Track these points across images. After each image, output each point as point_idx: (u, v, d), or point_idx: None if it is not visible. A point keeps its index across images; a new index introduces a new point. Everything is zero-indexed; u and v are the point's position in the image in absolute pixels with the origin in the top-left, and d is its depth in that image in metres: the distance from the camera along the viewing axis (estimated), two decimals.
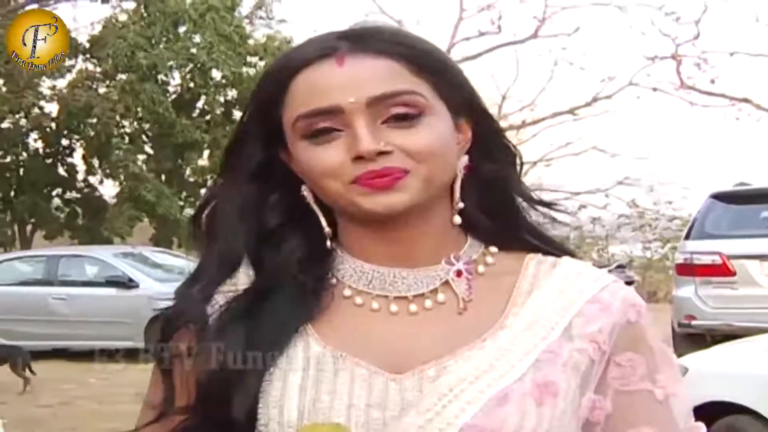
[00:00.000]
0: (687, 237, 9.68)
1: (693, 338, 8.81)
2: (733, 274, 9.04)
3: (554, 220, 1.21)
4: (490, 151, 1.17)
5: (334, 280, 1.15)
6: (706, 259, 9.15)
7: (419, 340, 1.10)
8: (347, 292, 1.14)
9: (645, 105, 35.05)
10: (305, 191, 1.15)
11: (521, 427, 1.05)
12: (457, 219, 1.15)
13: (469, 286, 1.13)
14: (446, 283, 1.13)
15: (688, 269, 9.34)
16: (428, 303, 1.13)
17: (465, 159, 1.15)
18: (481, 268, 1.15)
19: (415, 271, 1.13)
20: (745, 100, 24.13)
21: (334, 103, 1.07)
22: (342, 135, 1.08)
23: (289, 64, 1.12)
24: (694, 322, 9.08)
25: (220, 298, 1.15)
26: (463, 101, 1.14)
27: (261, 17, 22.99)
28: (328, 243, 1.15)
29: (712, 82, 24.02)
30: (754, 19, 26.75)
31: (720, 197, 9.62)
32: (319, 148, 1.09)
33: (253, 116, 1.16)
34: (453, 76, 1.14)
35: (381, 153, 1.06)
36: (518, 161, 1.20)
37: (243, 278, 1.16)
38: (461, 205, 1.14)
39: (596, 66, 39.41)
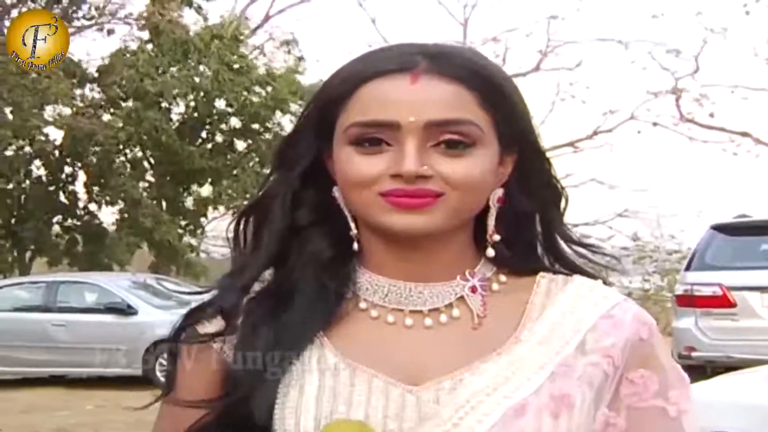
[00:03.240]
0: (687, 268, 9.66)
1: (693, 370, 8.77)
2: (734, 305, 9.02)
3: (591, 261, 1.21)
4: (530, 188, 1.18)
5: (350, 293, 1.16)
6: (707, 291, 9.14)
7: (435, 353, 1.11)
8: (363, 305, 1.15)
9: (645, 139, 35.05)
10: (337, 192, 1.16)
11: None
12: (491, 252, 1.16)
13: (483, 302, 1.14)
14: (461, 298, 1.15)
15: (688, 300, 9.32)
16: (443, 318, 1.14)
17: (499, 192, 1.16)
18: (495, 286, 1.17)
19: (431, 286, 1.14)
20: (745, 134, 24.19)
21: (394, 118, 1.08)
22: (389, 150, 1.09)
23: (363, 71, 1.12)
24: (694, 354, 9.04)
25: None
26: (517, 138, 1.15)
27: (285, 50, 23.06)
28: (355, 246, 1.16)
29: (711, 116, 24.10)
30: (753, 54, 26.85)
31: (720, 229, 9.62)
32: (362, 157, 1.10)
33: (312, 114, 1.16)
34: (517, 112, 1.15)
35: (420, 176, 1.07)
36: (563, 202, 1.20)
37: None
38: (496, 237, 1.16)
39: (598, 99, 39.51)
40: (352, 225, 1.15)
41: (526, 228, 1.19)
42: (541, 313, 1.14)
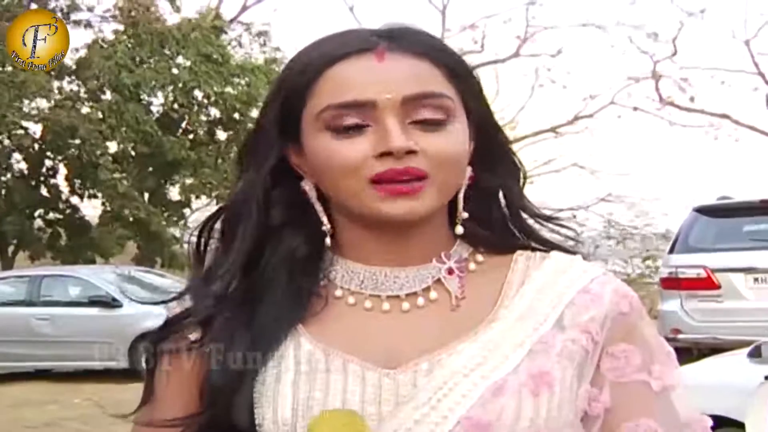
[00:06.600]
0: (671, 251, 9.71)
1: (679, 352, 8.79)
2: (718, 287, 9.07)
3: (557, 233, 1.21)
4: (493, 164, 1.17)
5: (325, 281, 1.14)
6: (691, 273, 9.18)
7: (412, 336, 1.10)
8: (338, 293, 1.14)
9: (626, 124, 35.08)
10: (306, 186, 1.14)
11: (519, 417, 1.04)
12: (459, 229, 1.15)
13: (461, 284, 1.13)
14: (438, 281, 1.13)
15: (673, 283, 9.36)
16: (421, 301, 1.12)
17: (469, 170, 1.15)
18: (472, 266, 1.16)
19: (407, 270, 1.13)
20: (725, 116, 24.30)
21: (370, 97, 1.07)
22: (368, 131, 1.07)
23: (324, 55, 1.10)
24: (680, 336, 9.08)
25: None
26: (479, 113, 1.15)
27: (260, 42, 22.93)
28: (328, 241, 1.14)
29: (692, 100, 24.17)
30: (731, 36, 26.97)
31: (703, 211, 9.66)
32: (342, 142, 1.07)
33: (273, 110, 1.13)
34: (477, 86, 1.15)
35: (408, 152, 1.06)
36: (522, 177, 1.20)
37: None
38: (465, 215, 1.15)
39: (578, 85, 39.52)
40: (325, 220, 1.14)
41: (493, 205, 1.18)
42: (518, 291, 1.13)
